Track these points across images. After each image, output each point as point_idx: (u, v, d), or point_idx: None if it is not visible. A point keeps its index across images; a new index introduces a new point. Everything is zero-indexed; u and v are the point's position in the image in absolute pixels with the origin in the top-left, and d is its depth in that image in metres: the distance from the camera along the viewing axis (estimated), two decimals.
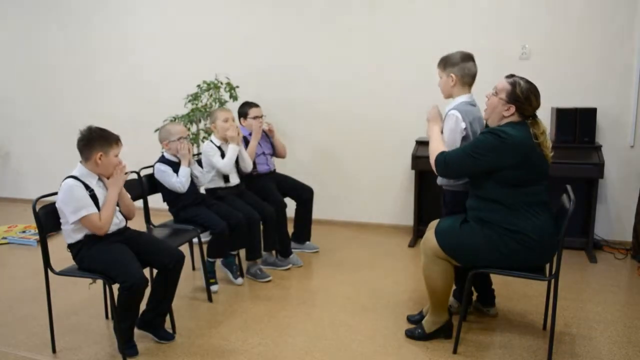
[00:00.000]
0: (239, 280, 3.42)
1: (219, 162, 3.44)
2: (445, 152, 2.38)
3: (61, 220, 2.48)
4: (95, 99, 5.49)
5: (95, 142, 2.46)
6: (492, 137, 2.25)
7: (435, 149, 2.45)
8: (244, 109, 3.83)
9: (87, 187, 2.45)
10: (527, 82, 2.31)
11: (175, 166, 3.21)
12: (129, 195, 2.73)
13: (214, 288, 3.28)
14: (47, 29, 5.52)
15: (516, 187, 2.27)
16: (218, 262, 3.47)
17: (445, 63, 2.61)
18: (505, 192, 2.28)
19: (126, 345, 2.47)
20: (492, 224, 2.31)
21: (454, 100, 2.61)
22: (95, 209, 2.43)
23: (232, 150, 3.46)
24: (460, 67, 2.57)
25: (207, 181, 3.47)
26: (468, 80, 2.60)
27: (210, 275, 3.30)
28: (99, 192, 2.49)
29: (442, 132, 2.56)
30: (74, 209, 2.38)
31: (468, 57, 2.60)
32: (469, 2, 4.20)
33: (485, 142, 2.26)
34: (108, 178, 2.54)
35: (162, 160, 3.24)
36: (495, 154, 2.24)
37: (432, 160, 2.44)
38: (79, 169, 2.50)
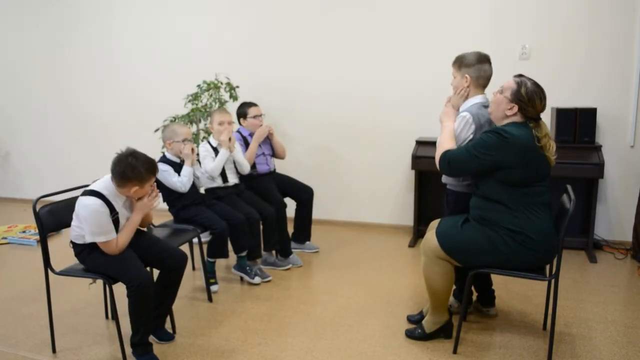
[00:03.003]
0: (257, 279, 3.41)
1: (208, 164, 3.43)
2: (448, 152, 2.38)
3: (74, 218, 2.42)
4: (95, 99, 5.48)
5: (132, 177, 2.34)
6: (495, 136, 2.25)
7: (443, 144, 2.44)
8: (243, 109, 3.84)
9: (112, 210, 2.36)
10: (535, 84, 2.30)
11: (177, 166, 3.20)
12: (152, 214, 2.68)
13: (214, 288, 3.28)
14: (51, 30, 5.52)
15: (518, 187, 2.27)
16: (232, 268, 3.51)
17: (461, 63, 2.58)
18: (508, 192, 2.28)
19: None
20: (494, 224, 2.31)
21: (467, 100, 2.60)
22: (114, 235, 2.38)
23: (221, 155, 3.45)
24: (475, 69, 2.54)
25: (207, 183, 3.47)
26: (483, 82, 2.58)
27: (210, 275, 3.30)
28: (123, 215, 2.43)
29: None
30: (94, 232, 2.33)
31: (485, 59, 2.57)
32: (469, 2, 4.20)
33: (488, 141, 2.26)
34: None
35: (164, 160, 3.23)
36: (497, 153, 2.24)
37: (437, 157, 2.45)
38: (107, 185, 2.38)
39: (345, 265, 3.76)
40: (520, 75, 2.35)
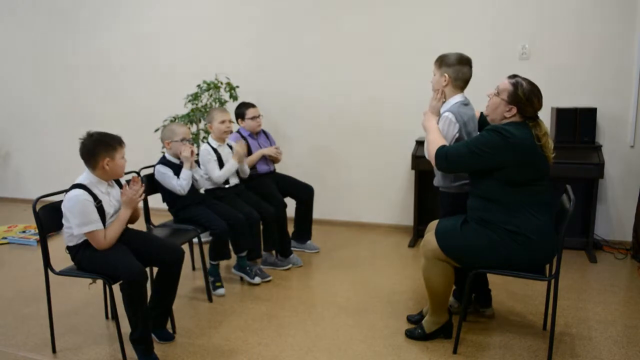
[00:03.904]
0: (257, 279, 3.40)
1: (214, 171, 3.43)
2: (446, 146, 2.36)
3: (64, 222, 2.46)
4: (95, 99, 5.49)
5: (99, 149, 2.40)
6: (496, 135, 2.24)
7: (435, 141, 2.42)
8: (241, 110, 3.84)
9: (95, 197, 2.40)
10: (530, 83, 2.30)
11: (176, 168, 3.20)
12: (140, 206, 2.70)
13: (220, 292, 3.25)
14: (53, 29, 5.52)
15: (517, 186, 2.27)
16: (232, 268, 3.52)
17: (441, 62, 2.59)
18: (507, 192, 2.28)
19: None
20: (493, 225, 2.31)
21: (447, 101, 2.59)
22: (101, 225, 2.40)
23: (230, 166, 3.47)
24: (455, 69, 2.55)
25: (206, 185, 3.47)
26: (460, 83, 2.58)
27: (215, 278, 3.28)
28: (107, 201, 2.46)
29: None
30: (81, 222, 2.36)
31: (465, 61, 2.57)
32: (469, 2, 4.20)
33: (489, 138, 2.26)
34: (118, 179, 2.54)
35: (163, 161, 3.22)
36: (498, 152, 2.24)
37: (431, 153, 2.41)
38: (86, 176, 2.44)
39: (345, 265, 3.76)
40: (514, 76, 2.34)
